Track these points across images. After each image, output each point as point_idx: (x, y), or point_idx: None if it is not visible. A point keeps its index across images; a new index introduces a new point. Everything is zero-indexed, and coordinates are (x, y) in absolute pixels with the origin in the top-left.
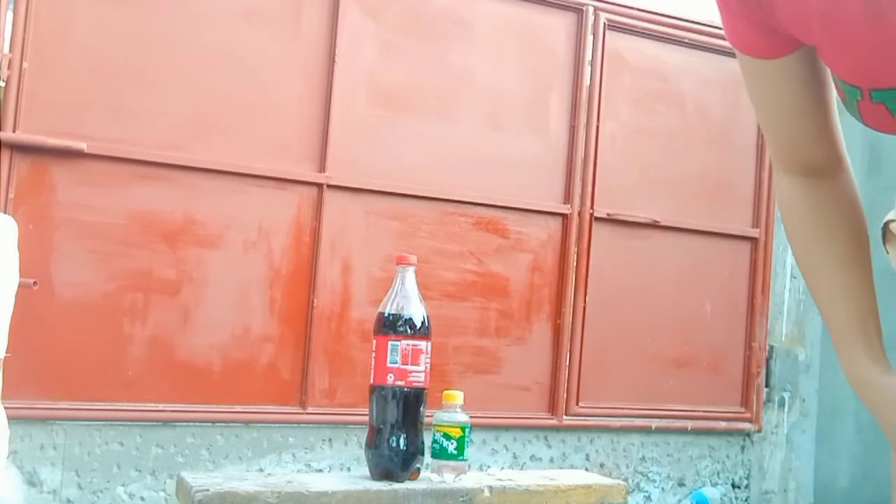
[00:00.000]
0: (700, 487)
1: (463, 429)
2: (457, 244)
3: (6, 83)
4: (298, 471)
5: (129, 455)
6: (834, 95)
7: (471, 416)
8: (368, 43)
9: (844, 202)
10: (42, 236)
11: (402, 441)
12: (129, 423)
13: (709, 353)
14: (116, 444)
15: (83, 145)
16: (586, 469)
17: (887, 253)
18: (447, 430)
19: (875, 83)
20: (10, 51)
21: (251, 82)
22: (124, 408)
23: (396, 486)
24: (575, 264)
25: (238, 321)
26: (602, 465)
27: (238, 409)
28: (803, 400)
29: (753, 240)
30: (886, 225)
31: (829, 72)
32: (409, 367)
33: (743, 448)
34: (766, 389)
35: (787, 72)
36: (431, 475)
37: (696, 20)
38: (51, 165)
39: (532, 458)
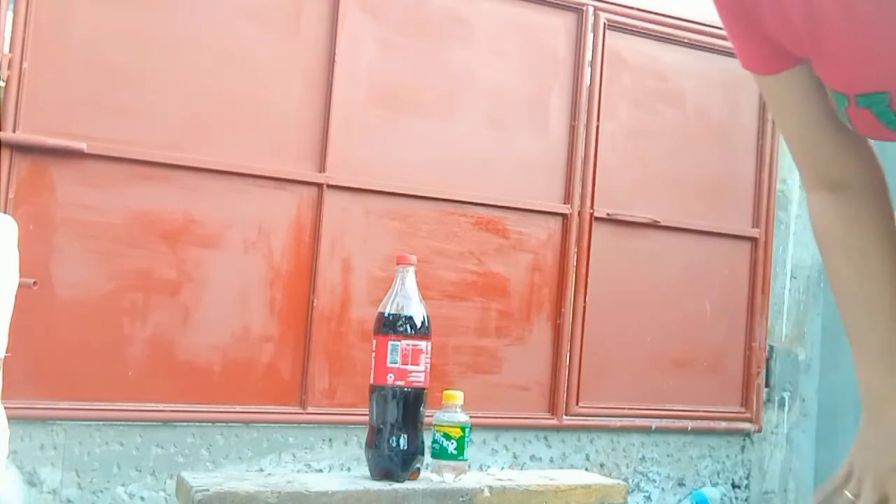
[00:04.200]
0: (700, 487)
1: (463, 429)
2: (457, 244)
3: (6, 83)
4: (298, 471)
5: (129, 455)
6: None
7: (471, 416)
8: (368, 43)
9: (877, 217)
10: (42, 236)
11: (402, 441)
12: (129, 423)
13: (709, 353)
14: (116, 444)
15: (83, 145)
16: (586, 469)
17: None
18: (447, 430)
19: (858, 88)
20: (10, 51)
21: (251, 82)
22: (124, 408)
23: (396, 486)
24: (575, 264)
25: (238, 321)
26: (602, 465)
27: (238, 409)
28: (803, 400)
29: (753, 240)
30: None
31: None
32: (409, 367)
33: (743, 448)
34: (766, 389)
35: (792, 85)
36: (431, 475)
37: (696, 20)
38: (51, 165)
39: (532, 458)
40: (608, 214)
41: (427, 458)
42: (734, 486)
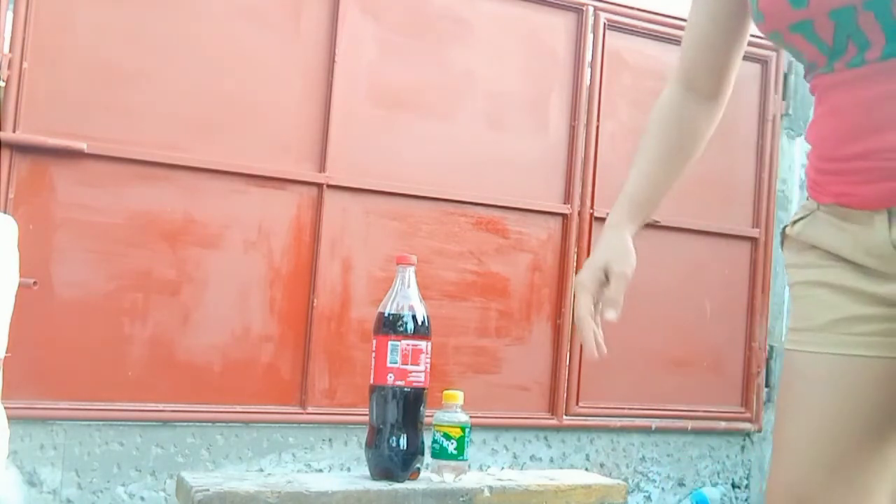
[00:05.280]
0: (700, 487)
1: (463, 429)
2: (457, 244)
3: (6, 83)
4: (298, 471)
5: (129, 455)
6: (744, 41)
7: (471, 416)
8: (368, 43)
9: (697, 124)
10: (42, 236)
11: (402, 441)
12: (129, 423)
13: (709, 353)
14: (116, 444)
15: (83, 145)
16: (586, 469)
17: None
18: (447, 430)
19: None
20: (10, 51)
21: (251, 82)
22: (124, 408)
23: (396, 486)
24: (575, 264)
25: (238, 321)
26: (602, 465)
27: (238, 409)
28: None
29: (753, 240)
30: (783, 229)
31: (748, 23)
32: (409, 367)
33: (743, 448)
34: (766, 389)
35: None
36: (431, 475)
37: None
38: (51, 165)
39: (532, 458)
40: (608, 214)
41: (427, 458)
42: (734, 486)
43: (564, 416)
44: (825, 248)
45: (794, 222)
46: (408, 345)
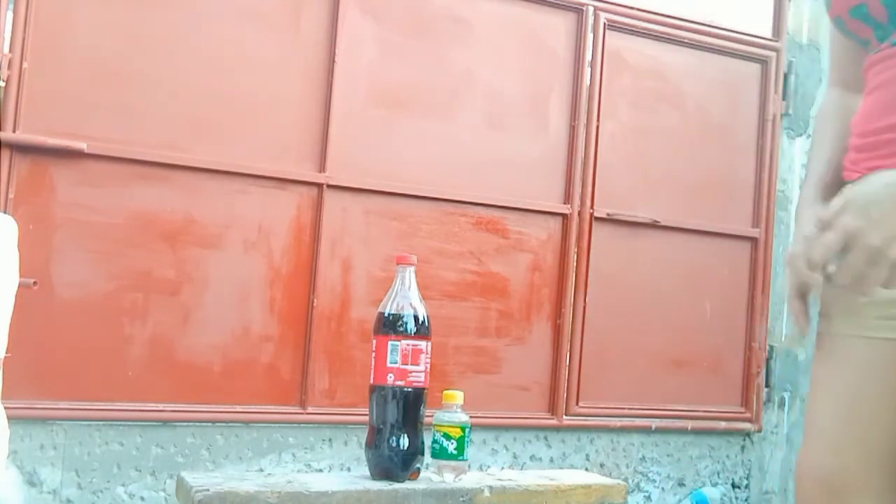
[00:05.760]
0: (700, 487)
1: (463, 429)
2: (457, 244)
3: (6, 83)
4: (298, 471)
5: (129, 455)
6: None
7: (471, 416)
8: (368, 43)
9: (853, 110)
10: (42, 236)
11: (402, 441)
12: (129, 423)
13: (709, 353)
14: (116, 444)
15: (83, 145)
16: (586, 469)
17: None
18: (447, 430)
19: None
20: (10, 51)
21: (251, 82)
22: (124, 408)
23: (396, 486)
24: (575, 264)
25: (238, 321)
26: (602, 465)
27: (238, 409)
28: (803, 400)
29: (753, 240)
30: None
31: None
32: (409, 367)
33: (743, 448)
34: (766, 389)
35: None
36: (431, 475)
37: (696, 20)
38: (51, 165)
39: (532, 458)
40: (608, 214)
41: (427, 458)
42: (734, 486)
43: (564, 416)
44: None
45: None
46: (408, 345)
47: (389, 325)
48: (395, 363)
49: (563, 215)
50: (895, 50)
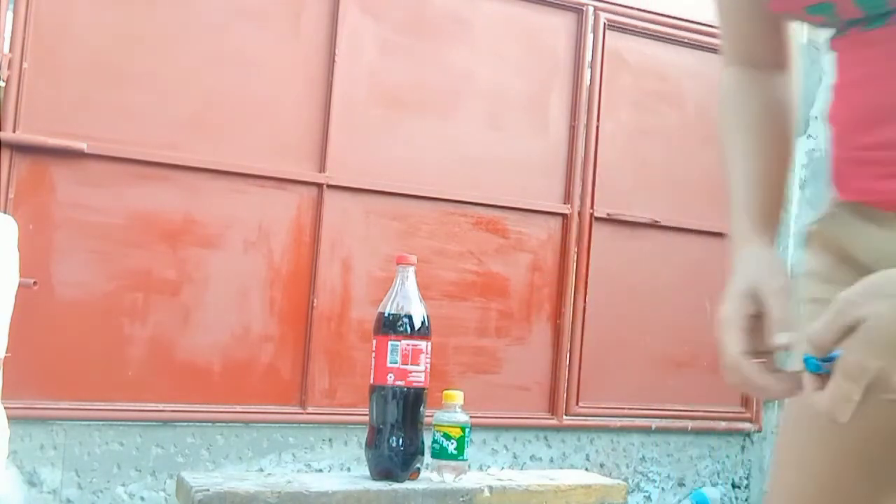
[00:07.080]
0: (700, 487)
1: (463, 429)
2: (457, 244)
3: (6, 83)
4: (298, 471)
5: (129, 455)
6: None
7: (471, 416)
8: (368, 43)
9: (776, 97)
10: (42, 236)
11: (402, 441)
12: (129, 423)
13: (709, 353)
14: (116, 444)
15: (83, 145)
16: (586, 469)
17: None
18: (447, 430)
19: None
20: (10, 51)
21: (251, 82)
22: (124, 408)
23: (396, 486)
24: (575, 264)
25: (238, 321)
26: (602, 465)
27: (238, 409)
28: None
29: None
30: (808, 229)
31: None
32: (409, 367)
33: (743, 448)
34: None
35: None
36: (431, 475)
37: (696, 20)
38: (51, 165)
39: (532, 458)
40: (608, 214)
41: (427, 458)
42: (734, 486)
43: (564, 416)
44: (844, 253)
45: (817, 220)
46: (408, 345)
47: (389, 325)
48: (395, 363)
49: (563, 215)
50: (871, 35)
